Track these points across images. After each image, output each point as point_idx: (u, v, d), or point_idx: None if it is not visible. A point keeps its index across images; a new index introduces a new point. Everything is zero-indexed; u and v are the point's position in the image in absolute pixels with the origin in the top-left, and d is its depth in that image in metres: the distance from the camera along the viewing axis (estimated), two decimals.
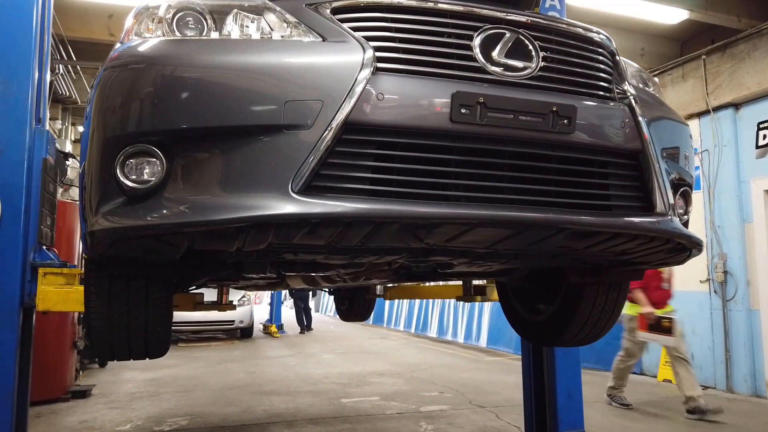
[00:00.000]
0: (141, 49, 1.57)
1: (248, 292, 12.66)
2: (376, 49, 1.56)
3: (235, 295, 12.25)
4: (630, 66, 2.03)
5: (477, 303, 11.43)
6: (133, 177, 1.50)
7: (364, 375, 8.06)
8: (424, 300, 13.99)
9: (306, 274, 2.80)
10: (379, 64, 1.56)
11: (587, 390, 4.36)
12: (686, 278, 7.34)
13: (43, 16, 3.54)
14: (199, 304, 3.42)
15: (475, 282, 3.72)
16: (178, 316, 11.55)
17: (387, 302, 16.24)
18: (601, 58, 1.85)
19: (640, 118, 1.82)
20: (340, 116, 1.48)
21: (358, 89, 1.50)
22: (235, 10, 1.65)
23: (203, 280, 2.31)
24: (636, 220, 1.78)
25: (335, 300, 5.82)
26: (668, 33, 8.30)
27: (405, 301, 15.14)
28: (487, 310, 11.16)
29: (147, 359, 2.21)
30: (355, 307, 5.43)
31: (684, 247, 1.97)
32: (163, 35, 1.61)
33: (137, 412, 5.80)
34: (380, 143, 1.54)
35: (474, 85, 1.61)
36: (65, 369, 6.53)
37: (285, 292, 16.89)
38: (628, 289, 2.62)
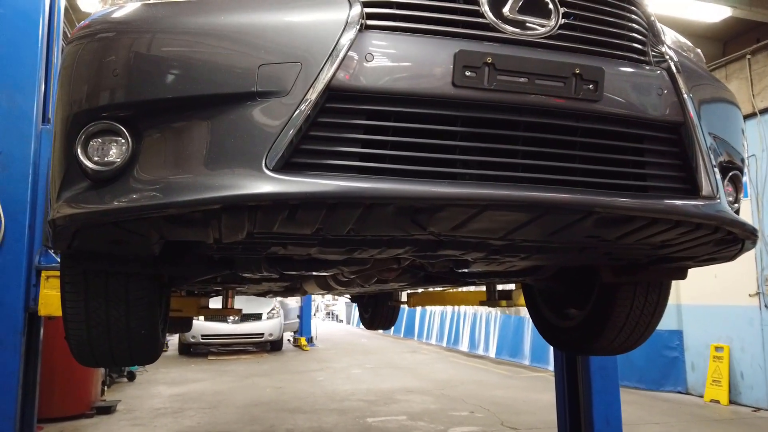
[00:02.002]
0: (107, 15, 1.41)
1: (277, 305, 12.57)
2: (366, 4, 1.35)
3: (264, 308, 12.20)
4: (668, 32, 1.76)
5: (512, 316, 11.10)
6: (96, 159, 1.33)
7: (392, 392, 7.80)
8: (455, 312, 13.68)
9: (317, 275, 2.59)
10: (369, 21, 1.34)
11: (628, 412, 4.01)
12: (734, 292, 6.89)
13: (50, 26, 3.48)
14: (204, 308, 3.25)
15: (500, 287, 3.44)
16: (209, 328, 11.65)
17: (418, 315, 15.99)
18: (632, 16, 1.59)
19: (681, 86, 1.55)
20: (322, 80, 1.27)
21: (343, 49, 1.29)
22: None
23: (196, 279, 2.12)
24: (678, 203, 1.50)
25: (359, 308, 5.64)
26: (710, 32, 7.91)
27: (436, 313, 14.85)
28: (528, 328, 10.73)
29: (138, 365, 2.02)
30: (378, 314, 5.25)
31: (735, 238, 1.68)
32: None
33: (159, 430, 5.66)
34: (371, 113, 1.32)
35: (481, 45, 1.38)
36: (90, 384, 6.47)
37: (316, 305, 16.79)
38: (669, 290, 2.32)
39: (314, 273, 2.20)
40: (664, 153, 1.55)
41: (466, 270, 2.25)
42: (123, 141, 1.32)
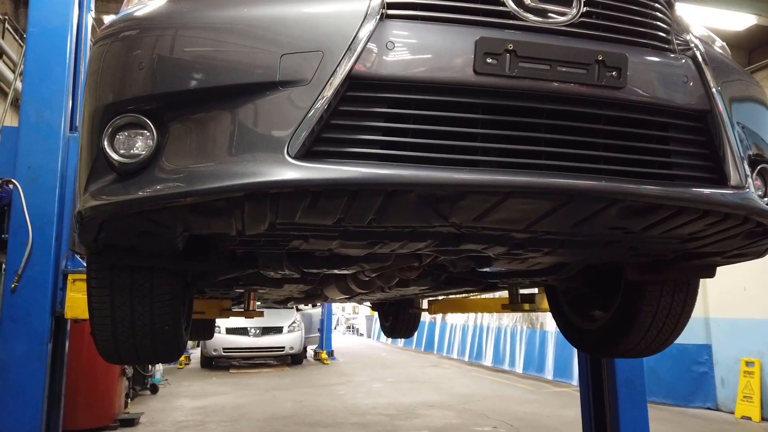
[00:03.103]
0: (131, 13, 1.45)
1: (298, 319, 12.59)
2: None
3: (285, 321, 12.24)
4: (692, 22, 1.74)
5: (538, 330, 10.94)
6: (122, 151, 1.35)
7: (414, 406, 7.72)
8: (477, 326, 13.54)
9: (338, 274, 2.59)
10: (390, 11, 1.35)
11: (656, 429, 3.90)
12: (764, 305, 6.72)
13: (78, 42, 3.58)
14: (226, 311, 3.27)
15: (523, 291, 3.39)
16: (230, 341, 11.70)
17: (438, 329, 15.88)
18: (655, 4, 1.58)
19: (707, 74, 1.53)
20: (343, 69, 1.28)
21: (363, 38, 1.30)
22: None
23: (219, 277, 2.14)
24: (706, 191, 1.48)
25: (379, 316, 5.61)
26: (735, 40, 7.83)
27: (458, 327, 14.72)
28: (552, 342, 10.57)
29: (160, 363, 2.04)
30: (399, 322, 5.22)
31: (766, 230, 1.64)
32: None
33: None
34: (392, 101, 1.33)
35: (502, 32, 1.38)
36: (114, 396, 6.52)
37: (337, 318, 16.77)
38: (697, 290, 2.27)
39: (335, 271, 2.19)
40: (691, 142, 1.53)
41: (488, 269, 2.23)
42: (148, 134, 1.35)
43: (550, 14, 1.43)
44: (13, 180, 3.20)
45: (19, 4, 7.92)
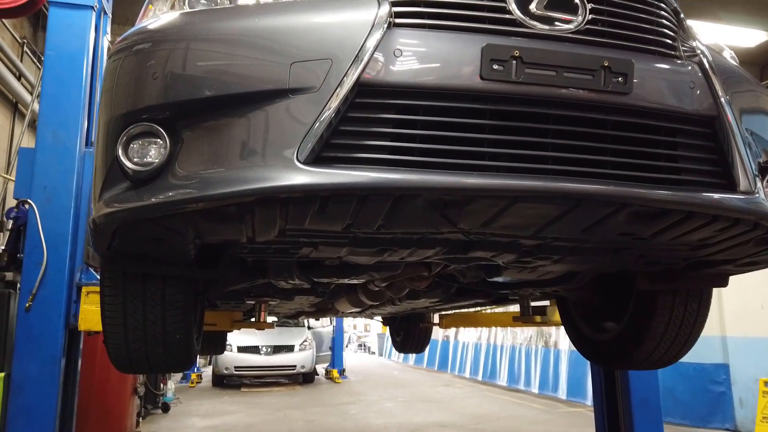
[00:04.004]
0: (145, 27, 1.50)
1: (309, 337, 12.55)
2: (394, 3, 1.39)
3: (296, 339, 12.21)
4: (698, 31, 1.76)
5: (552, 348, 10.80)
6: (136, 160, 1.38)
7: (425, 426, 7.63)
8: (491, 344, 13.39)
9: (348, 284, 2.59)
10: (397, 20, 1.38)
11: None
12: None
13: (94, 64, 3.66)
14: (237, 322, 3.29)
15: (534, 303, 3.37)
16: (242, 360, 11.69)
17: (451, 347, 15.73)
18: (660, 12, 1.59)
19: (713, 80, 1.54)
20: (352, 76, 1.31)
21: (371, 46, 1.33)
22: None
23: (230, 287, 2.15)
24: (715, 195, 1.48)
25: (390, 332, 5.58)
26: (747, 57, 7.83)
27: (470, 345, 14.57)
28: (564, 361, 10.43)
29: (171, 372, 2.05)
30: (410, 337, 5.20)
31: None
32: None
33: None
34: (400, 107, 1.35)
35: (509, 39, 1.40)
36: (125, 415, 6.52)
37: (348, 336, 16.68)
38: (710, 300, 2.24)
39: (345, 280, 2.20)
40: (699, 147, 1.53)
41: (498, 279, 2.22)
42: (161, 142, 1.38)
43: (555, 22, 1.45)
44: (29, 200, 3.25)
45: (38, 28, 8.11)
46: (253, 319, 3.47)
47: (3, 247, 3.77)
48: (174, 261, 1.77)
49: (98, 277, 3.15)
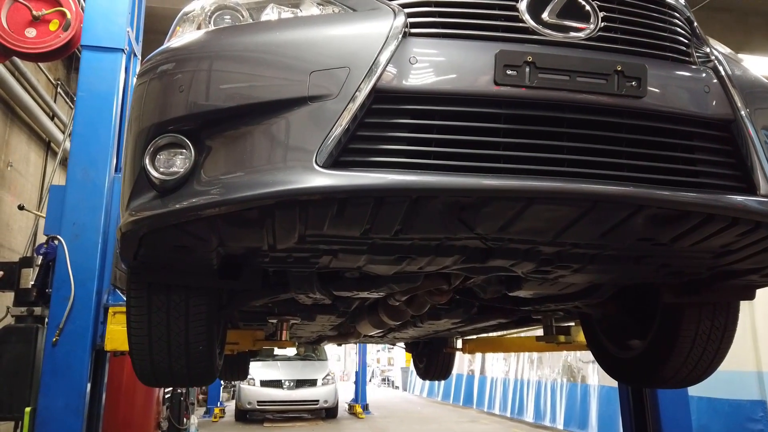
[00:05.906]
0: (172, 45, 1.58)
1: (332, 372, 12.45)
2: (410, 14, 1.45)
3: (319, 374, 12.12)
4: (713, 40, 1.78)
5: (578, 383, 10.52)
6: (162, 169, 1.44)
7: None
8: (518, 379, 13.09)
9: (367, 304, 2.60)
10: (413, 30, 1.44)
11: None
12: None
13: (123, 103, 3.79)
14: (259, 341, 3.32)
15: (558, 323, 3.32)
16: (264, 394, 11.62)
17: (477, 381, 15.42)
18: (672, 20, 1.62)
19: (728, 84, 1.55)
20: (369, 83, 1.35)
21: (387, 53, 1.38)
22: (272, 4, 1.61)
23: (252, 300, 2.18)
24: (734, 198, 1.47)
25: (413, 359, 5.53)
26: None
27: (498, 380, 14.26)
28: (594, 396, 10.14)
29: (193, 385, 2.07)
30: (433, 363, 5.15)
31: None
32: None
33: None
34: (416, 112, 1.39)
35: (522, 46, 1.44)
36: None
37: (372, 370, 16.48)
38: (737, 314, 2.19)
39: (365, 293, 2.21)
40: (716, 151, 1.53)
41: (519, 294, 2.21)
42: (186, 152, 1.44)
43: (568, 30, 1.48)
44: (58, 236, 3.34)
45: (71, 70, 8.45)
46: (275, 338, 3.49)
47: (33, 283, 3.88)
48: (198, 271, 1.81)
49: (124, 298, 3.22)
